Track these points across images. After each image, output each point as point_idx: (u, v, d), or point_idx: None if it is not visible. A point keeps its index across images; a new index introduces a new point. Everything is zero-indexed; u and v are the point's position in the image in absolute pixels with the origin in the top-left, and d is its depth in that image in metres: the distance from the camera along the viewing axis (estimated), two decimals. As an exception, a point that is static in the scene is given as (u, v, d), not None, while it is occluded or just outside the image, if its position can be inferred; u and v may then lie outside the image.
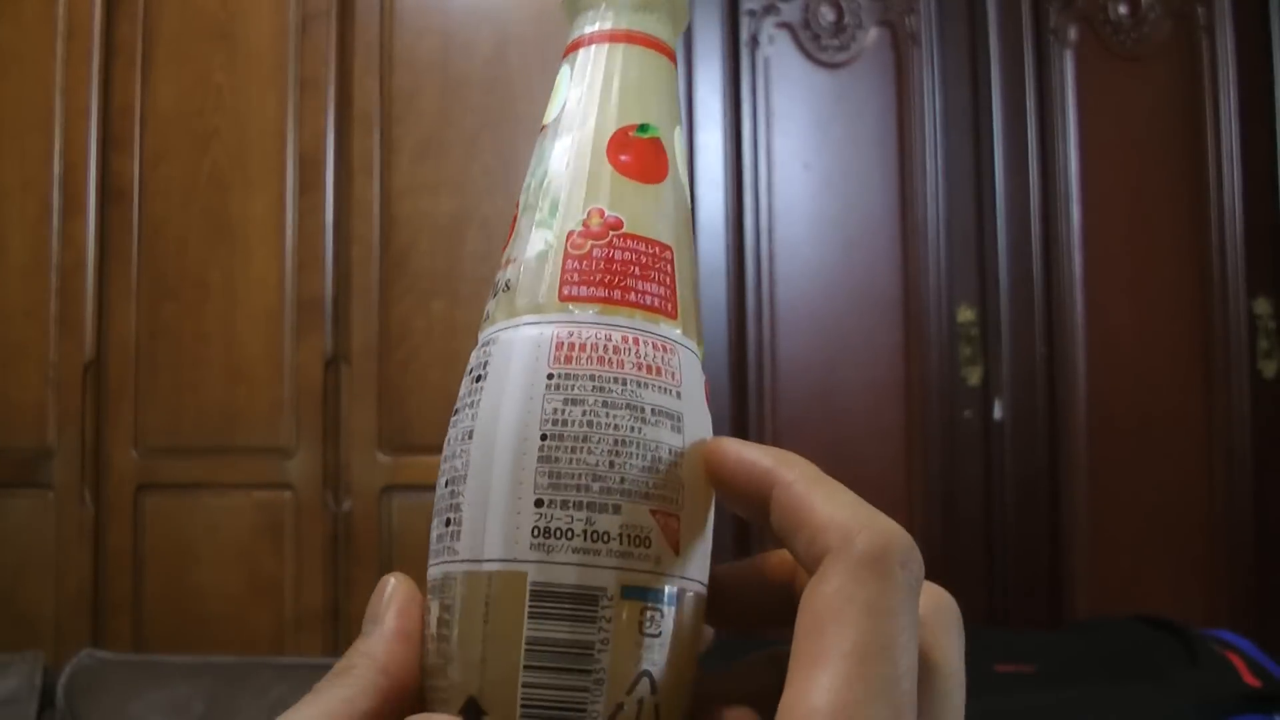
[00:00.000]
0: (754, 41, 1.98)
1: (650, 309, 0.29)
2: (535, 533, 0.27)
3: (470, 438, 0.28)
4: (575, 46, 0.32)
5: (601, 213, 0.30)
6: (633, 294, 0.29)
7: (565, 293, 0.29)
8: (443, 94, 1.92)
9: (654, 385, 0.28)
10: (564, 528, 0.27)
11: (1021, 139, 1.94)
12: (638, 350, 0.29)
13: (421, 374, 1.88)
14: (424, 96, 1.92)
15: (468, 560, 0.28)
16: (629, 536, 0.27)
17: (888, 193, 1.95)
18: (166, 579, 1.87)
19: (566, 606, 0.27)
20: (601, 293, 0.29)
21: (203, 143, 1.93)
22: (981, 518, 1.90)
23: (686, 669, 0.28)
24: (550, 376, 0.28)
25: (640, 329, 0.29)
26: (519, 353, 0.29)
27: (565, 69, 0.32)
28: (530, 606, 0.27)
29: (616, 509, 0.27)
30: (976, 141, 1.94)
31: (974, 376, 1.92)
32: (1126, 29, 1.94)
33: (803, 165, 1.96)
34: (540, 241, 0.30)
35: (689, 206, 0.32)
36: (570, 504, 0.27)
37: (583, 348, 0.28)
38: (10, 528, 1.91)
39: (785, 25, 1.98)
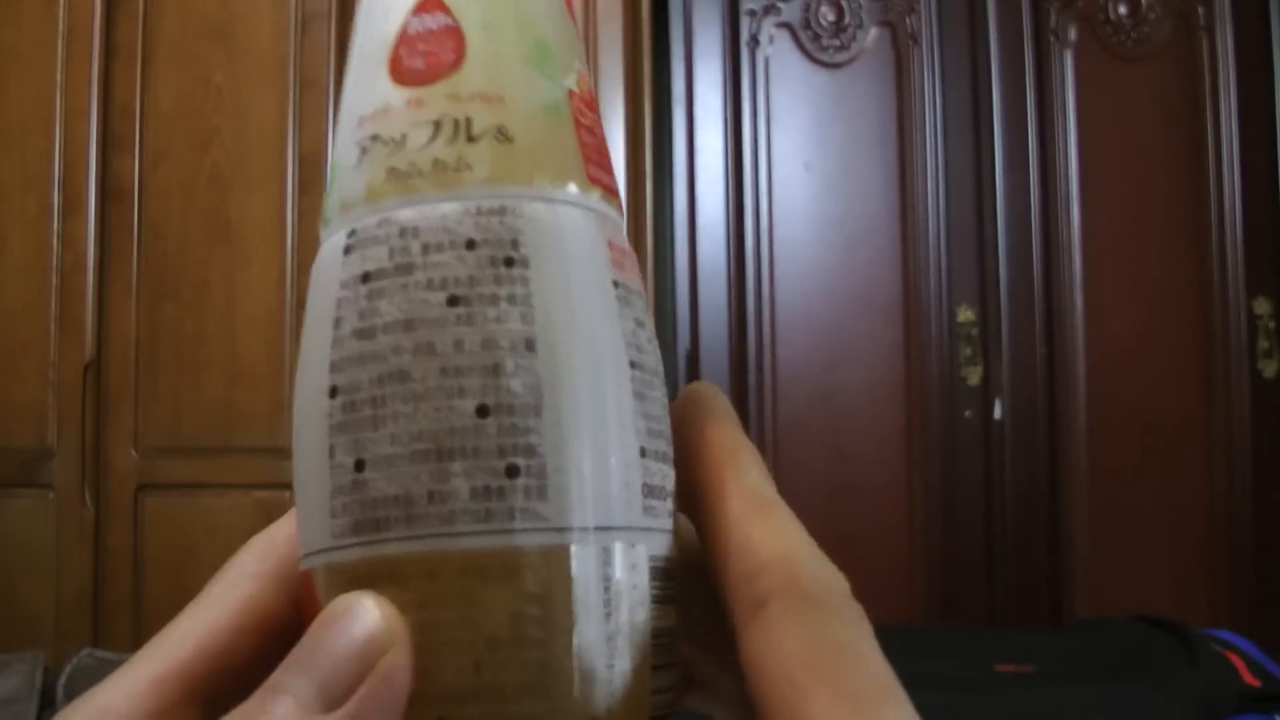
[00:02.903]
0: (754, 41, 1.98)
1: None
2: (645, 492, 0.22)
3: (530, 348, 0.21)
4: None
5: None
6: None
7: (592, 174, 0.23)
8: (443, 94, 1.92)
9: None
10: (660, 485, 0.22)
11: (1021, 139, 1.94)
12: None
13: (421, 374, 1.88)
14: (424, 96, 1.92)
15: (562, 528, 0.21)
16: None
17: (888, 193, 1.95)
18: (166, 579, 1.87)
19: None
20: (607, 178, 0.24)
21: (203, 143, 1.93)
22: (981, 518, 1.90)
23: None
24: (616, 285, 0.23)
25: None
26: (576, 241, 0.22)
27: None
28: (652, 589, 0.22)
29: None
30: (976, 141, 1.94)
31: (974, 376, 1.92)
32: (1126, 29, 1.94)
33: (803, 165, 1.96)
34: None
35: None
36: (658, 454, 0.23)
37: (625, 253, 0.24)
38: (10, 528, 1.90)
39: (785, 25, 1.98)
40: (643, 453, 0.22)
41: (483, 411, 0.20)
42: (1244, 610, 1.84)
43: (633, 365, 0.22)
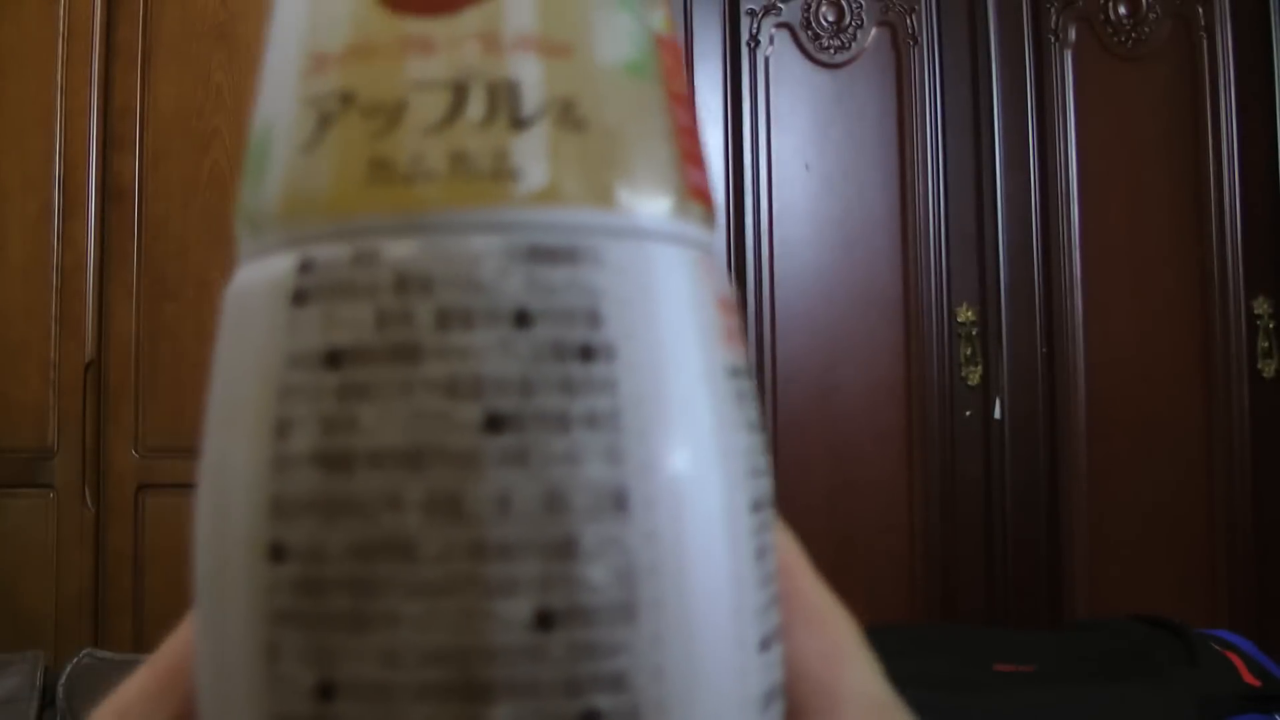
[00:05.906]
0: (754, 41, 1.98)
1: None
2: (764, 701, 0.15)
3: (621, 507, 0.13)
4: None
5: None
6: None
7: (692, 180, 0.15)
8: (443, 94, 1.91)
9: None
10: (778, 682, 0.16)
11: (1021, 139, 1.94)
12: None
13: (421, 374, 1.88)
14: (424, 96, 1.92)
15: None
16: None
17: (888, 193, 1.95)
18: (167, 579, 1.87)
19: None
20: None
21: (203, 143, 1.93)
22: (981, 518, 1.90)
23: None
24: (733, 374, 0.15)
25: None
26: (681, 308, 0.14)
27: None
28: None
29: None
30: (976, 141, 1.94)
31: (974, 376, 1.92)
32: (1126, 29, 1.94)
33: (803, 165, 1.96)
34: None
35: None
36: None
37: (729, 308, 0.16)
38: (11, 528, 1.90)
39: (785, 25, 1.98)
40: (763, 645, 0.14)
41: (544, 620, 0.13)
42: (1244, 610, 1.84)
43: (754, 508, 0.14)
